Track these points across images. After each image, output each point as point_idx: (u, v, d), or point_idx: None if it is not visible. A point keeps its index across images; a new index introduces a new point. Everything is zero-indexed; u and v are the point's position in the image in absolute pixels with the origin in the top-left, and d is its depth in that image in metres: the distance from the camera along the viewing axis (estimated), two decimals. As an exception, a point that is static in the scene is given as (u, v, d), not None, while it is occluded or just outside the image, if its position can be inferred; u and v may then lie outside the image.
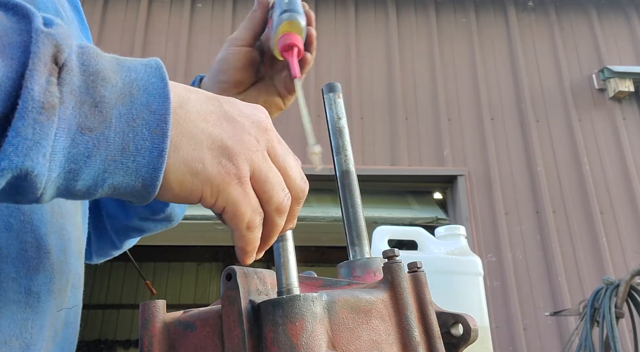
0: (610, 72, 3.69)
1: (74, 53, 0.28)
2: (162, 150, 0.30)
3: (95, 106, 0.28)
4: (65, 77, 0.27)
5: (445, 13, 4.00)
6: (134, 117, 0.29)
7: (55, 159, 0.27)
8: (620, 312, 1.97)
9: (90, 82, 0.28)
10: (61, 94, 0.27)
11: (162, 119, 0.30)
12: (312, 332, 0.33)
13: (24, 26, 0.27)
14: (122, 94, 0.29)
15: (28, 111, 0.25)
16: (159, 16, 3.77)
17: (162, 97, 0.31)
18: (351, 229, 0.49)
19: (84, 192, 0.29)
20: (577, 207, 3.42)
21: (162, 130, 0.30)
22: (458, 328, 0.42)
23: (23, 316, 0.38)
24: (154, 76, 0.32)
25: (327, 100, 0.52)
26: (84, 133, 0.28)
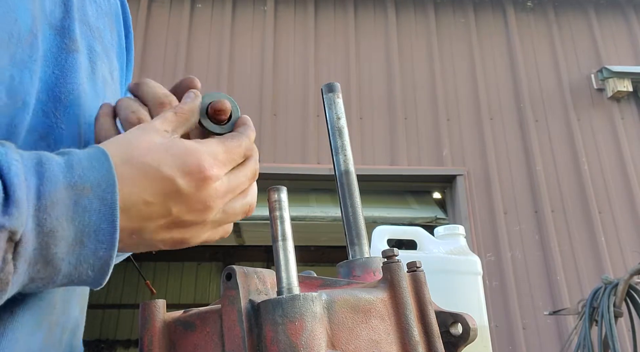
0: (609, 72, 3.69)
1: (30, 217, 0.30)
2: (101, 282, 0.36)
3: (47, 264, 0.32)
4: (20, 251, 0.30)
5: (444, 13, 4.00)
6: (81, 262, 0.34)
7: (12, 290, 0.31)
8: (619, 312, 1.97)
9: (44, 243, 0.31)
10: (16, 267, 0.30)
11: (105, 263, 0.35)
12: (311, 331, 0.33)
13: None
14: (73, 244, 0.33)
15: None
16: (159, 16, 3.77)
17: (109, 244, 0.35)
18: (350, 229, 0.49)
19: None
20: (576, 206, 3.42)
21: (104, 269, 0.35)
22: (457, 327, 0.42)
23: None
24: (105, 221, 0.34)
25: (326, 100, 0.52)
26: (34, 281, 0.32)
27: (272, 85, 3.62)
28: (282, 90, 3.63)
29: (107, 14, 0.58)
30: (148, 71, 3.59)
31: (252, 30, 3.80)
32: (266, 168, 3.16)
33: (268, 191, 0.40)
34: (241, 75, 3.64)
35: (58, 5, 0.47)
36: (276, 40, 3.78)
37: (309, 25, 3.84)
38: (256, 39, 3.77)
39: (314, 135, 3.46)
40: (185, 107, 0.43)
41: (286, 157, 3.38)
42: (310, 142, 3.44)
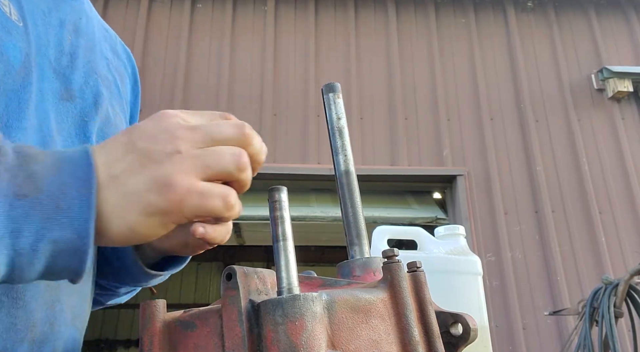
0: (609, 72, 3.69)
1: (8, 145, 0.34)
2: (89, 204, 0.34)
3: (28, 177, 0.33)
4: (0, 159, 0.33)
5: (444, 13, 4.00)
6: (62, 183, 0.34)
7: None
8: (619, 312, 1.97)
9: (23, 161, 0.34)
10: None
11: (87, 181, 0.35)
12: (312, 331, 0.33)
13: None
14: (51, 168, 0.35)
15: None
16: (159, 16, 3.77)
17: (85, 165, 0.36)
18: (351, 229, 0.49)
19: (28, 251, 0.33)
20: (576, 206, 3.42)
21: (88, 188, 0.35)
22: (457, 328, 0.42)
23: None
24: (78, 151, 0.37)
25: (326, 100, 0.52)
26: (19, 198, 0.33)
27: (273, 85, 3.62)
28: (283, 90, 3.63)
29: (117, 70, 0.65)
30: (149, 71, 3.59)
31: (253, 30, 3.80)
32: (266, 168, 3.16)
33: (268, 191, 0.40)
34: (241, 75, 3.64)
35: (64, 56, 0.54)
36: (276, 40, 3.78)
37: (309, 25, 3.84)
38: (256, 38, 3.77)
39: (314, 136, 3.47)
40: None
41: (286, 157, 3.38)
42: (310, 142, 3.44)
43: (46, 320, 0.46)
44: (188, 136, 0.38)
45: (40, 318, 0.45)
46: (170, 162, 0.37)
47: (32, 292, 0.45)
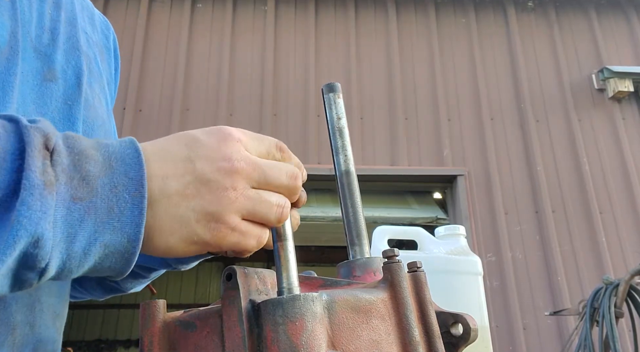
0: (610, 72, 3.69)
1: (59, 138, 0.34)
2: (141, 209, 0.35)
3: (83, 180, 0.33)
4: (56, 159, 0.32)
5: (445, 13, 4.00)
6: (115, 185, 0.34)
7: (57, 225, 0.32)
8: (620, 312, 1.97)
9: (77, 160, 0.34)
10: (55, 173, 0.32)
11: (139, 183, 0.35)
12: (312, 331, 0.33)
13: (14, 126, 0.32)
14: (103, 166, 0.34)
15: (35, 188, 0.30)
16: (160, 16, 3.77)
17: (137, 165, 0.35)
18: (351, 229, 0.49)
19: (80, 255, 0.33)
20: (577, 207, 3.42)
21: (140, 193, 0.35)
22: (458, 328, 0.42)
23: None
24: (128, 148, 0.36)
25: (327, 100, 0.52)
26: (76, 202, 0.33)
27: (273, 85, 3.62)
28: (283, 90, 3.63)
29: (97, 45, 0.62)
30: (149, 71, 3.60)
31: (253, 30, 3.80)
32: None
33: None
34: (241, 75, 3.64)
35: (45, 32, 0.51)
36: (277, 40, 3.78)
37: (309, 25, 3.84)
38: (257, 38, 3.77)
39: (314, 135, 3.47)
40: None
41: (287, 157, 3.38)
42: (310, 142, 3.44)
43: (26, 322, 0.45)
44: (246, 172, 0.38)
45: (21, 320, 0.45)
46: (225, 197, 0.37)
47: (12, 293, 0.44)
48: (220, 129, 0.40)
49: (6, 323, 0.43)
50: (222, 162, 0.38)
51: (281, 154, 0.43)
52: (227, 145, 0.39)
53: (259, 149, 0.41)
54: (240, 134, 0.41)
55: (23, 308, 0.45)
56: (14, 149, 0.31)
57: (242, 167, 0.38)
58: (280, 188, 0.40)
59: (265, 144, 0.42)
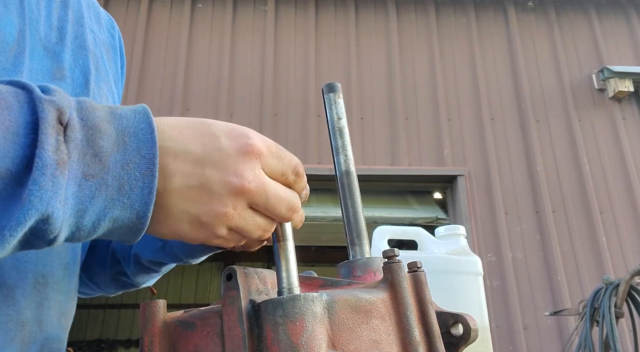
0: (610, 72, 3.69)
1: (74, 110, 0.33)
2: (151, 188, 0.35)
3: (95, 156, 0.33)
4: (70, 135, 0.32)
5: (445, 13, 4.00)
6: (127, 162, 0.34)
7: (67, 203, 0.32)
8: (620, 312, 1.97)
9: (90, 135, 0.33)
10: (68, 150, 0.32)
11: (150, 161, 0.35)
12: (312, 332, 0.33)
13: (27, 97, 0.32)
14: (116, 142, 0.34)
15: (47, 168, 0.30)
16: (160, 16, 3.77)
17: (150, 142, 0.35)
18: (351, 229, 0.49)
19: (90, 228, 0.34)
20: (577, 207, 3.42)
21: (151, 171, 0.35)
22: (458, 328, 0.42)
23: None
24: (142, 122, 0.36)
25: (327, 100, 0.52)
26: (87, 179, 0.33)
27: (273, 85, 3.62)
28: (283, 90, 3.63)
29: (103, 43, 0.62)
30: (149, 71, 3.60)
31: (253, 30, 3.80)
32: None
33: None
34: (242, 75, 3.64)
35: (53, 31, 0.51)
36: (277, 40, 3.78)
37: (309, 25, 3.84)
38: (257, 38, 3.77)
39: (314, 135, 3.47)
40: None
41: (287, 157, 3.37)
42: (310, 142, 3.44)
43: (35, 319, 0.45)
44: (251, 195, 0.38)
45: (30, 317, 0.44)
46: (221, 214, 0.38)
47: (22, 290, 0.44)
48: (246, 135, 0.39)
49: (16, 320, 0.43)
50: (233, 178, 0.37)
51: (294, 178, 0.42)
52: (244, 159, 0.38)
53: (276, 169, 0.40)
54: (263, 147, 0.40)
55: (32, 305, 0.45)
56: (27, 122, 0.31)
57: (250, 189, 0.38)
58: (275, 216, 0.40)
59: (284, 163, 0.41)
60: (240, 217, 0.39)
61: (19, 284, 0.43)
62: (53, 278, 0.48)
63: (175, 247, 0.57)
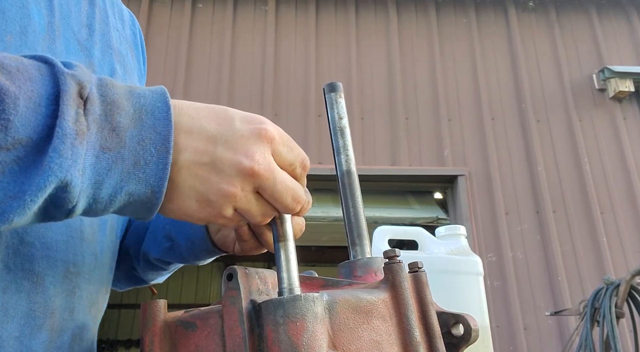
0: (611, 72, 3.69)
1: (94, 86, 0.35)
2: (166, 163, 0.36)
3: (113, 130, 0.34)
4: (89, 108, 0.33)
5: (445, 13, 4.00)
6: (143, 138, 0.35)
7: (85, 173, 0.33)
8: (621, 312, 1.97)
9: (109, 110, 0.35)
10: (87, 123, 0.33)
11: (165, 138, 0.36)
12: (313, 332, 0.33)
13: (49, 70, 0.33)
14: (133, 119, 0.35)
15: (67, 137, 0.31)
16: (160, 16, 3.77)
17: (166, 120, 0.36)
18: (352, 229, 0.49)
19: (106, 201, 0.35)
20: (578, 207, 3.41)
21: (166, 148, 0.36)
22: (459, 328, 0.42)
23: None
24: (159, 101, 0.37)
25: (328, 100, 0.52)
26: (105, 152, 0.34)
27: (273, 85, 3.62)
28: (283, 90, 3.63)
29: (127, 41, 0.64)
30: (149, 71, 3.59)
31: (253, 30, 3.81)
32: (267, 168, 3.15)
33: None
34: (242, 75, 3.65)
35: (83, 27, 0.53)
36: (277, 40, 3.78)
37: (310, 25, 3.84)
38: (257, 38, 3.77)
39: (315, 136, 3.46)
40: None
41: (287, 157, 3.37)
42: (311, 142, 3.44)
43: (65, 307, 0.45)
44: (260, 178, 0.38)
45: (60, 305, 0.45)
46: (230, 194, 0.38)
47: (52, 278, 0.44)
48: (260, 120, 0.41)
49: (44, 307, 0.43)
50: (244, 158, 0.38)
51: (301, 171, 0.42)
52: (256, 141, 0.39)
53: (285, 158, 0.41)
54: (275, 133, 0.41)
55: (62, 293, 0.45)
56: (49, 94, 0.32)
57: (259, 172, 0.38)
58: (280, 204, 0.41)
59: (294, 154, 0.42)
60: (246, 200, 0.39)
61: (48, 272, 0.44)
62: (84, 268, 0.48)
63: (182, 249, 0.58)
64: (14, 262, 0.41)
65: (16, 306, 0.41)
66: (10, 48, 0.41)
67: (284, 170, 0.41)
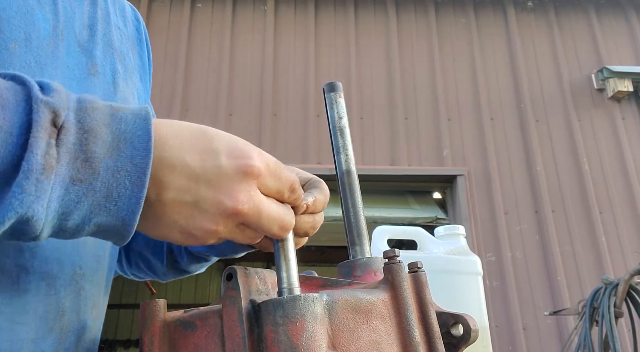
0: (609, 72, 3.69)
1: (71, 112, 0.33)
2: (139, 198, 0.34)
3: (86, 161, 0.33)
4: (62, 138, 0.32)
5: (445, 13, 4.00)
6: (118, 169, 0.34)
7: (51, 206, 0.32)
8: (620, 312, 1.97)
9: (84, 139, 0.33)
10: (58, 154, 0.32)
11: (142, 171, 0.34)
12: (312, 332, 0.33)
13: (25, 95, 0.32)
14: (110, 147, 0.34)
15: (32, 172, 0.30)
16: (159, 16, 3.77)
17: (145, 151, 0.35)
18: (352, 229, 0.49)
19: (74, 230, 0.34)
20: (577, 206, 3.42)
21: (141, 181, 0.34)
22: (458, 328, 0.42)
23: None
24: (141, 129, 0.35)
25: (328, 99, 0.52)
26: (75, 184, 0.32)
27: (272, 85, 3.62)
28: (283, 89, 3.63)
29: (129, 38, 0.63)
30: (148, 71, 3.59)
31: (253, 29, 3.80)
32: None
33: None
34: (241, 75, 3.64)
35: (85, 28, 0.52)
36: (276, 39, 3.78)
37: (309, 25, 3.84)
38: (256, 38, 3.77)
39: (314, 135, 3.46)
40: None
41: (286, 157, 3.38)
42: (310, 142, 3.44)
43: (73, 308, 0.46)
44: (244, 215, 0.37)
45: (69, 307, 0.45)
46: (211, 231, 0.38)
47: (62, 280, 0.45)
48: (246, 155, 0.38)
49: (56, 308, 0.44)
50: (226, 199, 0.37)
51: (289, 195, 0.41)
52: (241, 179, 0.37)
53: (272, 187, 0.40)
54: (262, 168, 0.38)
55: (71, 295, 0.46)
56: (22, 122, 0.31)
57: (242, 211, 0.37)
58: (265, 234, 0.40)
59: (282, 183, 0.40)
60: (231, 233, 0.39)
61: (59, 274, 0.44)
62: (88, 269, 0.49)
63: (222, 245, 0.58)
64: (32, 264, 0.41)
65: (35, 308, 0.41)
66: (14, 56, 0.41)
67: (271, 198, 0.40)
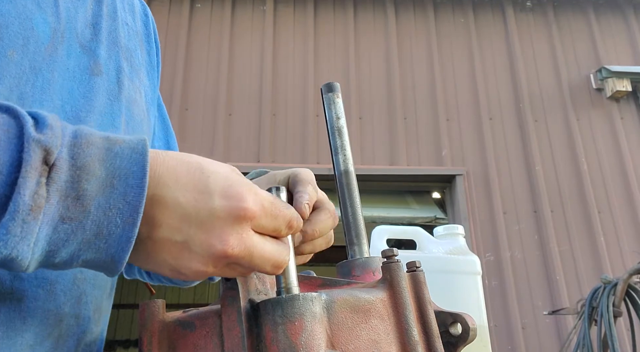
0: (608, 71, 3.69)
1: (65, 147, 0.32)
2: (130, 237, 0.34)
3: (77, 199, 0.32)
4: (53, 176, 0.31)
5: (443, 13, 4.00)
6: (110, 207, 0.33)
7: (38, 244, 0.31)
8: (618, 311, 1.97)
9: (76, 176, 0.32)
10: (48, 193, 0.31)
11: (134, 209, 0.34)
12: (311, 331, 0.33)
13: (17, 131, 0.31)
14: (103, 185, 0.33)
15: (18, 213, 0.30)
16: (158, 16, 3.76)
17: (138, 188, 0.34)
18: (350, 229, 0.49)
19: (62, 265, 0.34)
20: (575, 206, 3.42)
21: (133, 220, 0.34)
22: (457, 327, 0.42)
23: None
24: (136, 164, 0.34)
25: (326, 100, 0.52)
26: (64, 222, 0.32)
27: (272, 85, 3.62)
28: (282, 90, 3.63)
29: (137, 34, 0.62)
30: (147, 71, 3.59)
31: (252, 30, 3.80)
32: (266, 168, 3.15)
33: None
34: (240, 75, 3.64)
35: (88, 27, 0.51)
36: (275, 40, 3.78)
37: (308, 25, 3.84)
38: (255, 38, 3.77)
39: (313, 135, 3.46)
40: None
41: (285, 157, 3.38)
42: (309, 142, 3.44)
43: (72, 314, 0.46)
44: (235, 257, 0.36)
45: (67, 312, 0.45)
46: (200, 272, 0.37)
47: (62, 285, 0.44)
48: (240, 197, 0.37)
49: (55, 314, 0.43)
50: (217, 242, 0.36)
51: (287, 231, 0.40)
52: (233, 222, 0.36)
53: (268, 227, 0.39)
54: (256, 210, 0.37)
55: (71, 300, 0.45)
56: (13, 159, 0.30)
57: (232, 254, 0.36)
58: (258, 271, 0.40)
59: (278, 221, 0.39)
60: (221, 272, 0.38)
61: (59, 279, 0.44)
62: (89, 273, 0.49)
63: None
64: None
65: (33, 315, 0.41)
66: (12, 63, 0.41)
67: (266, 237, 0.39)
